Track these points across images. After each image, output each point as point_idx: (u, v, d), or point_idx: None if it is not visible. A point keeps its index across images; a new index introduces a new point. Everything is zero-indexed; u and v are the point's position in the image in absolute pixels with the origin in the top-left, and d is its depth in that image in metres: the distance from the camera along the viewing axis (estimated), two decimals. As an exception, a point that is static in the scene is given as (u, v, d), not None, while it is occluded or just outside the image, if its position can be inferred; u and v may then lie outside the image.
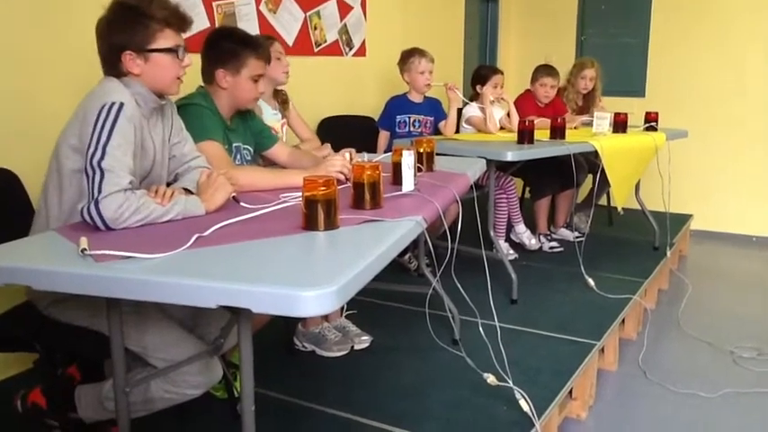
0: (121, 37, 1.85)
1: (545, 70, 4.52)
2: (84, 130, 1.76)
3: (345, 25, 4.31)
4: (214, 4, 3.33)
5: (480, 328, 2.52)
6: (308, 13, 3.97)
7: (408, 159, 2.07)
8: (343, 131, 3.98)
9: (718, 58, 5.78)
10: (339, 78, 4.33)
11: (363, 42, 4.50)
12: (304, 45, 3.97)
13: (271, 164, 2.69)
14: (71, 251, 1.45)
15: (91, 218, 1.64)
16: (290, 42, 3.86)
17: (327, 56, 4.18)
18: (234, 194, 1.94)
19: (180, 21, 1.91)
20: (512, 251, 4.18)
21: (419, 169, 2.46)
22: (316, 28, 4.06)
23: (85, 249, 1.41)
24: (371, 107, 4.31)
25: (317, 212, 1.64)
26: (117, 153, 1.70)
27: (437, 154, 3.07)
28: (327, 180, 1.65)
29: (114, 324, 1.57)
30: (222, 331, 1.72)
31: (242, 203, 1.93)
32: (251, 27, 3.55)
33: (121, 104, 1.76)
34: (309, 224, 1.65)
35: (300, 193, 1.67)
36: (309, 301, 1.17)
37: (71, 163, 1.81)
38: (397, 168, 2.18)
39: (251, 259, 1.41)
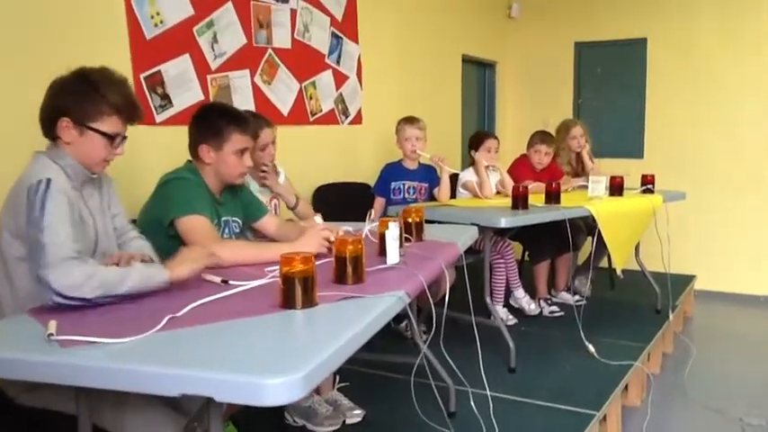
0: (67, 102, 1.87)
1: (539, 136, 4.55)
2: (17, 215, 1.76)
3: (341, 94, 4.37)
4: (209, 77, 3.38)
5: (472, 402, 2.45)
6: (303, 84, 4.03)
7: (393, 231, 2.05)
8: (339, 199, 3.99)
9: (714, 117, 5.82)
10: (335, 146, 4.36)
11: (359, 111, 4.55)
12: (299, 114, 4.02)
13: (261, 236, 2.68)
14: (39, 336, 1.42)
15: (49, 294, 1.61)
16: (285, 112, 3.90)
17: (323, 125, 4.23)
18: (224, 279, 1.91)
19: (130, 113, 1.94)
20: (511, 317, 4.12)
21: (407, 239, 2.45)
22: (311, 98, 4.12)
23: (52, 334, 1.39)
24: (368, 174, 4.33)
25: (295, 290, 1.61)
26: (55, 226, 1.70)
27: (429, 221, 3.08)
28: (305, 257, 1.63)
29: (82, 410, 1.52)
30: (198, 413, 1.67)
31: (230, 281, 1.90)
32: (246, 99, 3.60)
33: (48, 180, 1.77)
34: (287, 302, 1.62)
35: (284, 268, 1.65)
36: (274, 389, 1.14)
37: (14, 251, 1.80)
38: (383, 240, 2.16)
39: (221, 343, 1.38)
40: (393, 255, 2.04)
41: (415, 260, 2.16)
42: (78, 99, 1.87)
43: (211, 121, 2.43)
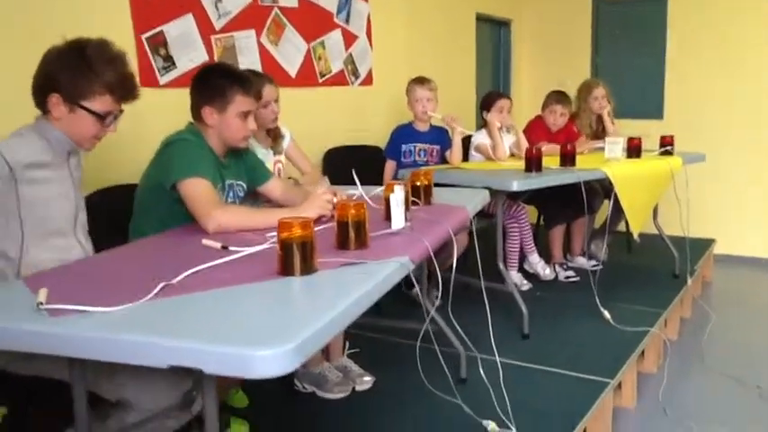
0: (60, 77, 1.81)
1: (555, 97, 4.42)
2: None
3: (351, 55, 4.26)
4: (213, 37, 3.29)
5: (481, 370, 2.39)
6: (311, 44, 3.92)
7: (398, 196, 1.98)
8: (349, 162, 3.88)
9: (734, 78, 5.64)
10: (345, 108, 4.27)
11: (370, 71, 4.44)
12: (308, 76, 3.92)
13: (265, 200, 2.62)
14: (29, 304, 1.37)
15: None
16: (293, 74, 3.81)
17: (333, 86, 4.13)
18: (224, 245, 1.85)
19: (125, 92, 1.88)
20: (525, 282, 4.05)
21: (415, 203, 2.37)
22: (320, 58, 4.01)
23: (41, 303, 1.33)
24: (380, 137, 4.23)
25: (293, 256, 1.55)
26: None
27: (440, 185, 2.99)
28: (304, 222, 1.57)
29: (76, 378, 1.48)
30: (194, 384, 1.63)
31: (230, 248, 1.84)
32: (252, 60, 3.50)
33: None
34: (285, 269, 1.56)
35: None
36: (263, 361, 1.08)
37: None
38: (389, 204, 2.08)
39: (214, 312, 1.32)
40: (398, 219, 1.97)
41: (422, 225, 2.08)
42: (71, 75, 1.81)
43: (214, 83, 2.34)
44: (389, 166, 3.90)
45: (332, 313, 1.26)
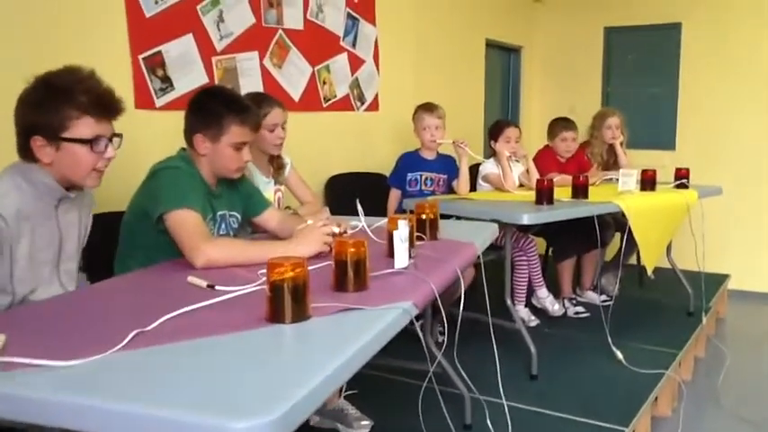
0: (32, 119, 1.68)
1: (563, 124, 4.30)
2: None
3: (357, 79, 4.14)
4: (213, 59, 3.17)
5: (488, 419, 2.22)
6: (316, 68, 3.81)
7: (402, 232, 1.83)
8: (352, 190, 3.75)
9: (750, 108, 5.51)
10: (350, 134, 4.14)
11: (376, 96, 4.32)
12: (312, 100, 3.80)
13: (261, 232, 2.48)
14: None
15: None
16: (297, 98, 3.68)
17: (337, 111, 4.00)
18: (210, 284, 1.70)
19: (104, 108, 1.73)
20: (533, 317, 3.89)
21: (420, 238, 2.23)
22: (325, 83, 3.89)
23: (-5, 354, 1.19)
24: (384, 164, 4.10)
25: (284, 301, 1.40)
26: None
27: (446, 216, 2.85)
28: (296, 262, 1.42)
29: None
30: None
31: (216, 287, 1.69)
32: (254, 83, 3.38)
33: None
34: (274, 315, 1.41)
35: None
36: (240, 436, 0.92)
37: None
38: (392, 239, 1.94)
39: (188, 369, 1.17)
40: (401, 258, 1.82)
41: (427, 263, 1.94)
42: (43, 111, 1.67)
43: (209, 109, 2.20)
44: (394, 195, 3.76)
45: (323, 374, 1.11)
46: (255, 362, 1.20)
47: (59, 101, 1.67)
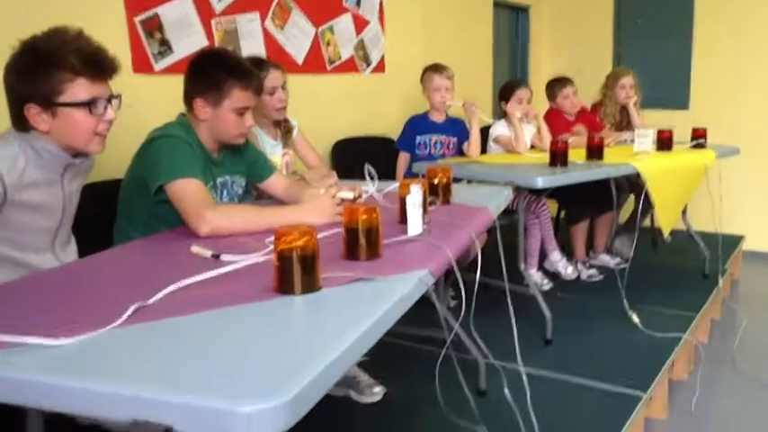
0: (23, 87, 1.59)
1: (560, 83, 4.21)
2: None
3: (362, 40, 4.01)
4: (213, 20, 3.05)
5: (505, 387, 2.15)
6: (319, 29, 3.68)
7: (415, 197, 1.74)
8: (359, 154, 3.65)
9: (765, 67, 5.34)
10: (355, 97, 4.02)
11: (382, 58, 4.19)
12: (315, 62, 3.68)
13: (266, 197, 2.39)
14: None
15: None
16: (300, 60, 3.57)
17: (342, 73, 3.89)
18: (215, 253, 1.62)
19: (96, 68, 1.63)
20: (546, 281, 3.82)
21: (432, 203, 2.14)
22: (329, 44, 3.77)
23: (-18, 331, 1.11)
24: (392, 127, 4.00)
25: (292, 271, 1.32)
26: None
27: (457, 180, 2.76)
28: (305, 230, 1.33)
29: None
30: None
31: (221, 257, 1.61)
32: (255, 45, 3.27)
33: None
34: (283, 286, 1.33)
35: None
36: (247, 419, 0.85)
37: None
38: (404, 205, 1.85)
39: (192, 345, 1.09)
40: (415, 225, 1.74)
41: (441, 229, 1.85)
42: (33, 78, 1.58)
43: (210, 72, 2.09)
44: (403, 158, 3.67)
45: (338, 349, 1.03)
46: (264, 336, 1.12)
47: (50, 65, 1.57)
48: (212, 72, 2.09)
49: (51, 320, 1.20)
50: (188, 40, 2.93)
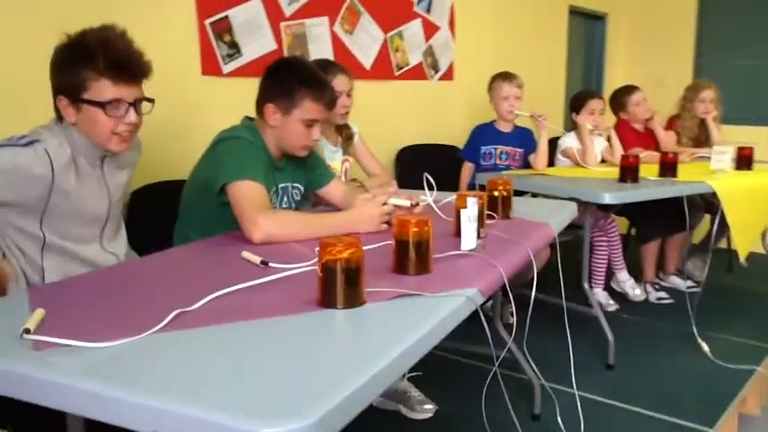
0: (57, 78, 1.65)
1: (628, 90, 4.08)
2: None
3: (431, 47, 3.97)
4: (282, 24, 3.07)
5: (558, 413, 2.06)
6: (388, 35, 3.66)
7: (471, 211, 1.68)
8: (424, 162, 3.60)
9: None
10: (422, 104, 3.98)
11: (451, 65, 4.14)
12: (383, 68, 3.66)
13: (324, 204, 2.37)
14: (16, 328, 1.15)
15: None
16: (368, 66, 3.55)
17: (410, 80, 3.85)
18: (263, 260, 1.61)
19: (120, 71, 1.64)
20: (612, 302, 3.68)
21: (491, 217, 2.07)
22: (397, 50, 3.74)
23: (28, 330, 1.12)
24: (459, 136, 3.93)
25: (336, 285, 1.28)
26: None
27: (521, 192, 2.68)
28: (350, 241, 1.30)
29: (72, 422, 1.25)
30: None
31: (270, 264, 1.59)
32: (323, 50, 3.27)
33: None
34: (326, 299, 1.30)
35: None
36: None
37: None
38: (459, 218, 1.79)
39: (227, 357, 1.07)
40: (469, 240, 1.68)
41: (497, 245, 1.79)
42: (64, 71, 1.64)
43: (284, 79, 2.08)
44: (467, 168, 3.60)
45: (373, 369, 0.98)
46: (298, 352, 1.08)
47: (80, 62, 1.61)
48: (287, 80, 2.08)
49: (96, 322, 1.20)
50: (257, 42, 2.96)
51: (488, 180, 2.21)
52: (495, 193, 2.15)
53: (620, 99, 4.10)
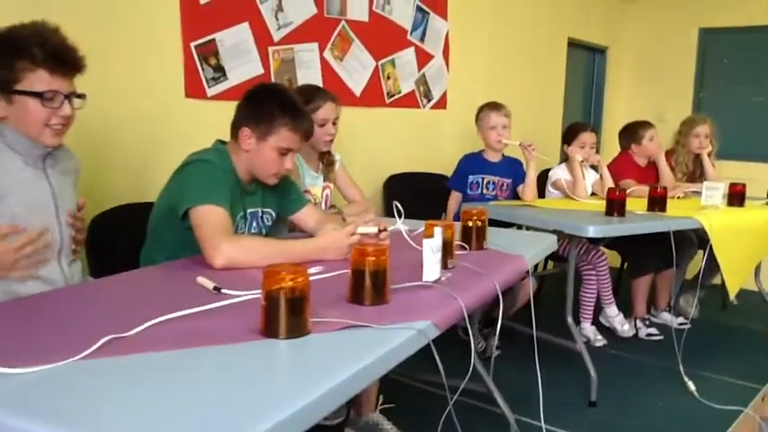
0: None
1: (644, 125, 4.02)
2: None
3: (424, 75, 3.96)
4: (270, 49, 3.06)
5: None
6: (380, 62, 3.65)
7: (434, 242, 1.64)
8: (412, 190, 3.59)
9: None
10: (413, 132, 3.96)
11: (444, 94, 4.13)
12: (374, 95, 3.64)
13: (299, 230, 2.34)
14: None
15: None
16: (358, 92, 3.54)
17: (401, 108, 3.83)
18: (217, 286, 1.57)
19: (58, 63, 1.62)
20: (600, 337, 3.61)
21: (463, 248, 2.04)
22: (389, 77, 3.73)
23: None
24: (449, 165, 3.89)
25: (279, 314, 1.24)
26: None
27: (507, 224, 2.64)
28: (295, 269, 1.26)
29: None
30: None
31: (223, 290, 1.55)
32: (313, 75, 3.26)
33: None
34: (268, 328, 1.26)
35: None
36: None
37: None
38: (427, 249, 1.75)
39: (154, 386, 1.02)
40: (431, 270, 1.63)
41: (464, 277, 1.74)
42: None
43: (265, 105, 2.05)
44: (454, 198, 3.56)
45: (304, 400, 0.94)
46: (227, 383, 1.04)
47: (13, 53, 1.59)
48: (267, 105, 2.05)
49: (23, 346, 1.16)
50: (243, 67, 2.95)
51: (463, 210, 2.18)
52: (470, 223, 2.11)
53: (635, 132, 4.06)
